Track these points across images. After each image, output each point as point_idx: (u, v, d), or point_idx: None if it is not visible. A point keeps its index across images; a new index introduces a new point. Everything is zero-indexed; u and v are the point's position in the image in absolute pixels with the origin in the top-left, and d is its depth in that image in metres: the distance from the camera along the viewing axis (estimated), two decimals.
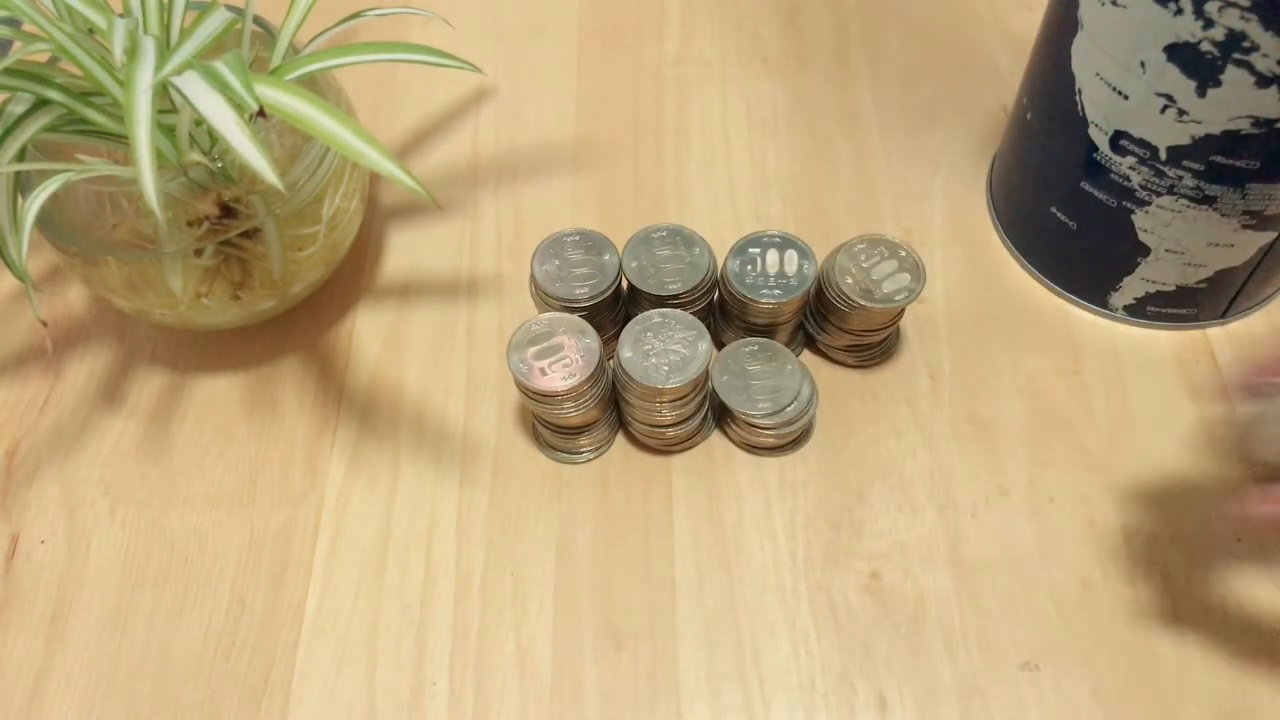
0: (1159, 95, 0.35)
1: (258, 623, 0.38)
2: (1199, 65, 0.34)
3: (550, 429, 0.40)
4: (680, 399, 0.38)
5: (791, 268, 0.39)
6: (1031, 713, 0.36)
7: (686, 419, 0.39)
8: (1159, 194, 0.38)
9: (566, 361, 0.37)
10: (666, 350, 0.37)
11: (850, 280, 0.40)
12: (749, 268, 0.40)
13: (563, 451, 0.41)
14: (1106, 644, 0.37)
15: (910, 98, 0.52)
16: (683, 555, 0.39)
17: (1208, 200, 0.37)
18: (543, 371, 0.37)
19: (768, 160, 0.50)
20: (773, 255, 0.40)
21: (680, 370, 0.37)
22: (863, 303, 0.39)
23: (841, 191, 0.49)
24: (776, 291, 0.39)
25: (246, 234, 0.38)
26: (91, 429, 0.43)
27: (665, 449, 0.41)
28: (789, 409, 0.39)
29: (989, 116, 0.51)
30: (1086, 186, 0.40)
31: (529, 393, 0.37)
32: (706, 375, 0.38)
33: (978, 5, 0.55)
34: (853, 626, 0.37)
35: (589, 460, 0.41)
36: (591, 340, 0.37)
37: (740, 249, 0.40)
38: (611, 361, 0.39)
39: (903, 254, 0.40)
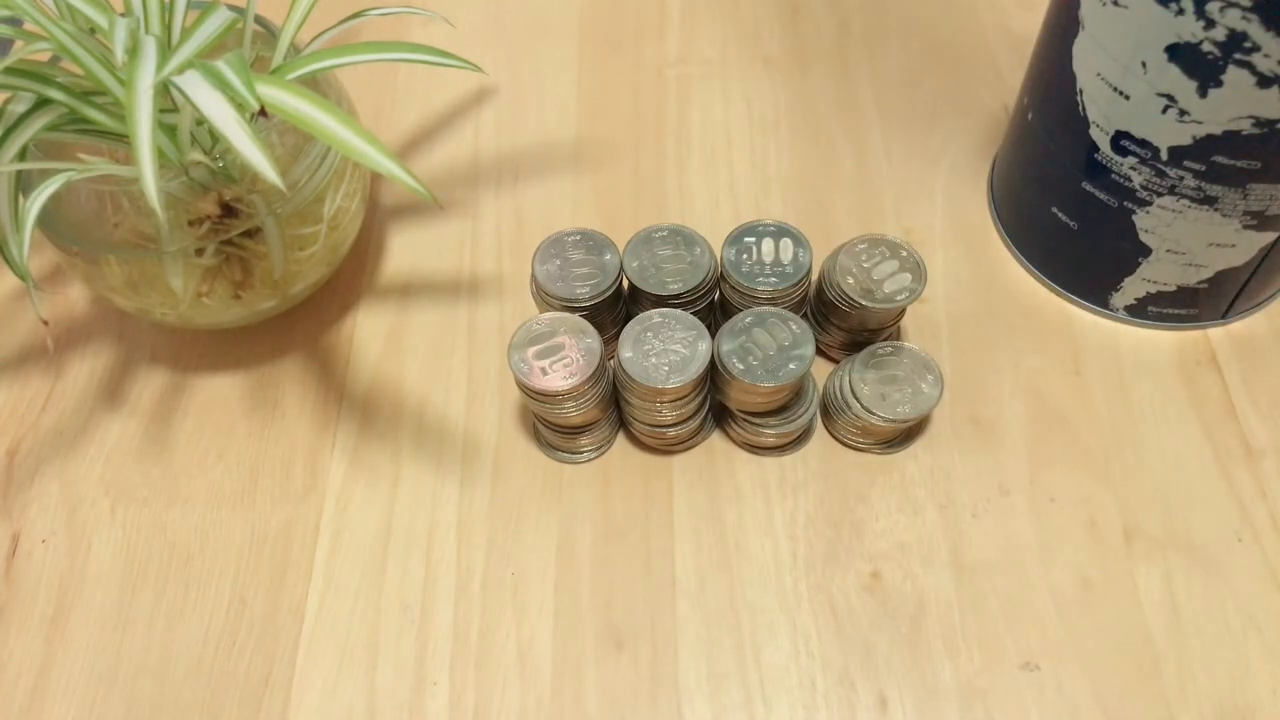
0: (1160, 95, 0.35)
1: (258, 622, 0.38)
2: (1200, 65, 0.34)
3: (551, 429, 0.40)
4: (681, 399, 0.38)
5: (787, 255, 0.39)
6: (1032, 713, 0.36)
7: (687, 419, 0.39)
8: (1160, 194, 0.38)
9: (567, 361, 0.37)
10: (666, 350, 0.37)
11: (851, 280, 0.40)
12: (744, 256, 0.40)
13: (563, 451, 0.41)
14: (1106, 644, 0.37)
15: (911, 97, 0.52)
16: (683, 555, 0.39)
17: (1209, 201, 0.37)
18: (544, 371, 0.37)
19: (768, 160, 0.50)
20: (768, 244, 0.40)
21: (680, 370, 0.37)
22: (863, 303, 0.39)
23: (842, 191, 0.49)
24: (773, 279, 0.39)
25: (248, 233, 0.38)
26: (92, 428, 0.43)
27: (666, 449, 0.41)
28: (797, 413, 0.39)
29: (990, 116, 0.51)
30: (1087, 187, 0.40)
31: (530, 392, 0.37)
32: (708, 373, 0.38)
33: (979, 5, 0.55)
34: (853, 626, 0.37)
35: (590, 460, 0.41)
36: (593, 340, 0.37)
37: (735, 238, 0.40)
38: (612, 361, 0.39)
39: (904, 254, 0.40)
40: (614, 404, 0.40)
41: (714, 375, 0.38)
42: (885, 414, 0.38)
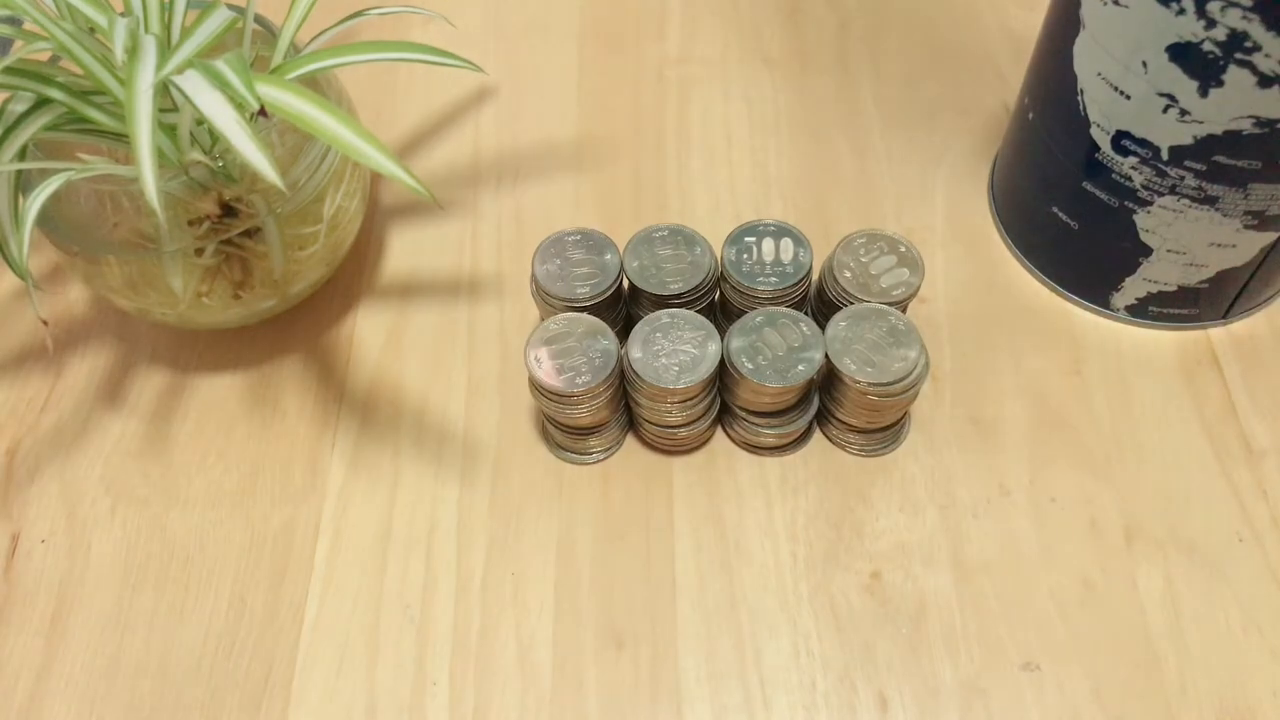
0: (1161, 95, 0.35)
1: (258, 623, 0.38)
2: (1201, 65, 0.34)
3: (561, 429, 0.40)
4: (690, 399, 0.38)
5: (787, 255, 0.39)
6: (1032, 713, 0.36)
7: (696, 420, 0.39)
8: (1161, 194, 0.38)
9: (582, 362, 0.37)
10: (676, 350, 0.37)
11: (849, 274, 0.40)
12: (745, 256, 0.40)
13: (572, 452, 0.41)
14: (1106, 644, 0.37)
15: (912, 97, 0.52)
16: (683, 555, 0.39)
17: (1210, 200, 0.37)
18: (558, 371, 0.37)
19: (769, 160, 0.50)
20: (768, 244, 0.40)
21: (690, 370, 0.37)
22: (861, 297, 0.39)
23: (842, 191, 0.49)
24: (773, 279, 0.39)
25: (247, 233, 0.38)
26: (92, 428, 0.43)
27: (676, 450, 0.41)
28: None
29: (990, 116, 0.51)
30: (1088, 186, 0.40)
31: (543, 392, 0.37)
32: (717, 374, 0.38)
33: (979, 5, 0.55)
34: (854, 626, 0.37)
35: (599, 461, 0.41)
36: (609, 342, 0.37)
37: (736, 238, 0.40)
38: None
39: (902, 249, 0.40)
40: (623, 405, 0.40)
41: (722, 373, 0.38)
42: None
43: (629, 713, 0.36)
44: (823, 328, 0.39)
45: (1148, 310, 0.43)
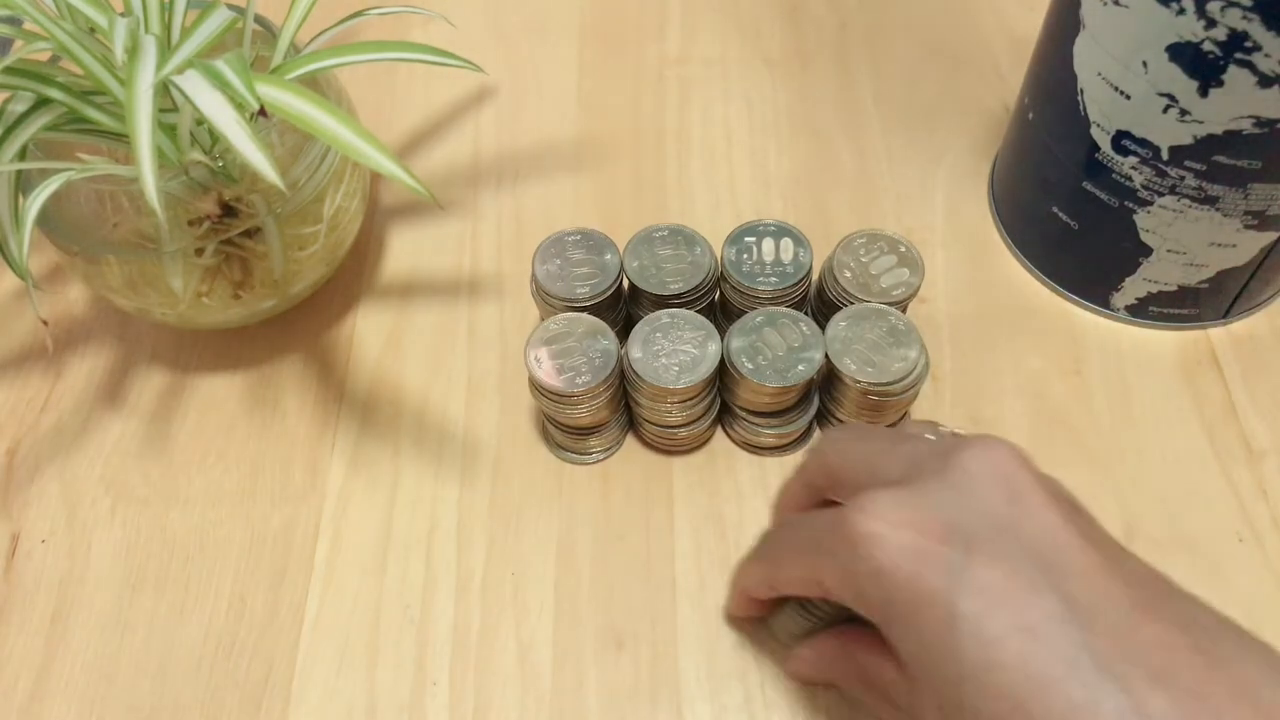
0: (1161, 95, 0.35)
1: (258, 623, 0.38)
2: (1201, 65, 0.34)
3: (561, 429, 0.40)
4: (690, 399, 0.38)
5: (787, 255, 0.40)
6: None
7: (696, 420, 0.39)
8: (1161, 194, 0.38)
9: (582, 362, 0.37)
10: (676, 350, 0.37)
11: (849, 274, 0.40)
12: (745, 255, 0.40)
13: (572, 452, 0.41)
14: None
15: (912, 97, 0.52)
16: (683, 555, 0.39)
17: (1210, 200, 0.37)
18: (558, 371, 0.37)
19: (769, 160, 0.50)
20: (769, 244, 0.40)
21: (690, 370, 0.37)
22: (861, 297, 0.39)
23: (843, 191, 0.49)
24: (774, 279, 0.39)
25: (247, 233, 0.38)
26: (92, 428, 0.43)
27: (676, 450, 0.41)
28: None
29: (990, 116, 0.51)
30: (1088, 186, 0.40)
31: (543, 392, 0.37)
32: (717, 374, 0.38)
33: (979, 5, 0.55)
34: None
35: (599, 461, 0.41)
36: (609, 342, 0.37)
37: (736, 238, 0.40)
38: None
39: (902, 249, 0.40)
40: (623, 405, 0.40)
41: (722, 373, 0.38)
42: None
43: (629, 713, 0.36)
44: (823, 328, 0.39)
45: (1148, 310, 0.43)
